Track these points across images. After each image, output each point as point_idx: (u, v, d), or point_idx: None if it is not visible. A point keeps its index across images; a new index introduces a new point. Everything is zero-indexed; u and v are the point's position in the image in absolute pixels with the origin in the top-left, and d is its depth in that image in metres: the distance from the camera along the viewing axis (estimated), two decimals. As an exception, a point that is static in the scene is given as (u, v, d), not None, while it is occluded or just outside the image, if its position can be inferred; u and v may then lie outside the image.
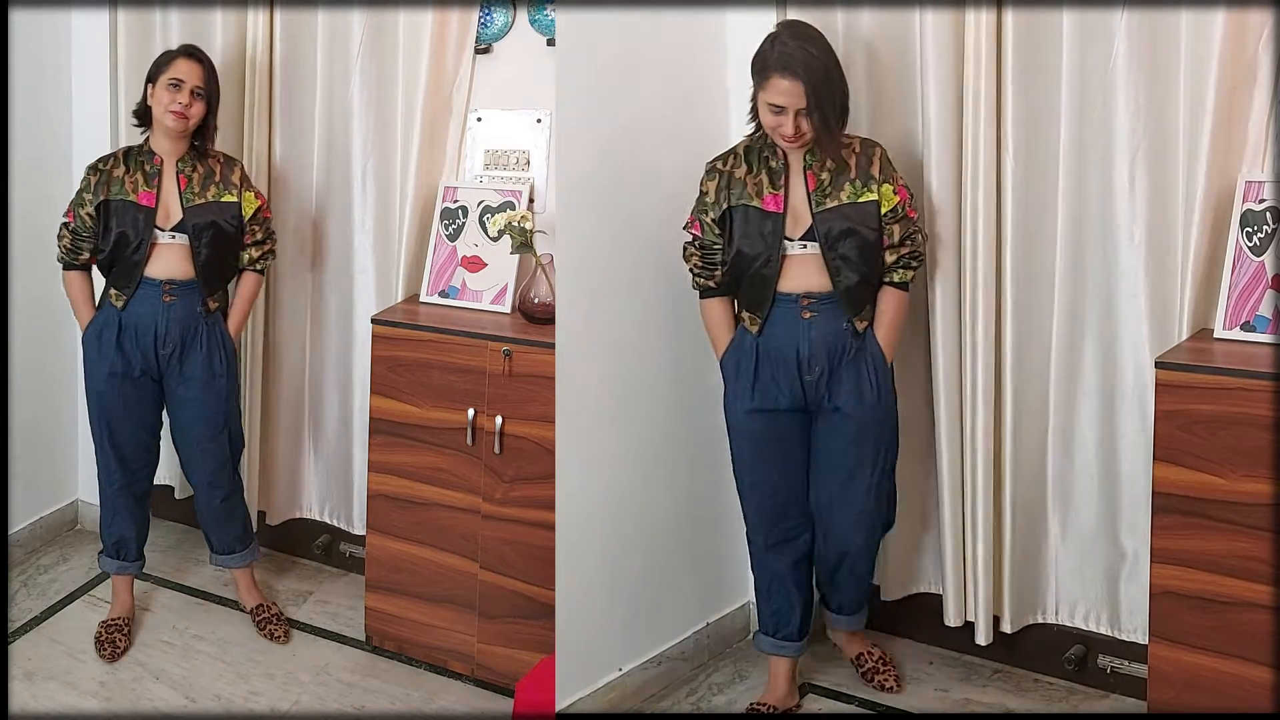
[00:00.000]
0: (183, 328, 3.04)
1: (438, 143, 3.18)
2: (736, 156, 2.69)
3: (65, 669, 3.06)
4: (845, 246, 2.61)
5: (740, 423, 2.75)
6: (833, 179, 2.63)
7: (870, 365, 2.67)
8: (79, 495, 3.87)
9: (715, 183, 2.68)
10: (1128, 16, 2.61)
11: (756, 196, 2.65)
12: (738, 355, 2.73)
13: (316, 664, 3.13)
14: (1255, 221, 2.49)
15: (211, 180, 3.05)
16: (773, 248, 2.63)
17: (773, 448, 2.75)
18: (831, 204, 2.62)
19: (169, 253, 3.02)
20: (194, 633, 3.26)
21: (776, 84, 2.53)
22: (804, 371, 2.66)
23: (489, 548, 2.94)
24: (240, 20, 3.33)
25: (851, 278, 2.62)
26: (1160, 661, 2.46)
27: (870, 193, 2.62)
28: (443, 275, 3.14)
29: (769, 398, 2.70)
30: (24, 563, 3.63)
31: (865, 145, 2.66)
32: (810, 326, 2.65)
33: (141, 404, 3.11)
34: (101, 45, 3.52)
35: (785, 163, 2.65)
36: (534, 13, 3.06)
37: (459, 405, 2.90)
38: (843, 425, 2.69)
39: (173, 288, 3.02)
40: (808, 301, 2.64)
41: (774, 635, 2.89)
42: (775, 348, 2.67)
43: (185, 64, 2.99)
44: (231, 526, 3.27)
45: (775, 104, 2.55)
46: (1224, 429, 2.33)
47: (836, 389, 2.67)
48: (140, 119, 3.08)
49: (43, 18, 3.54)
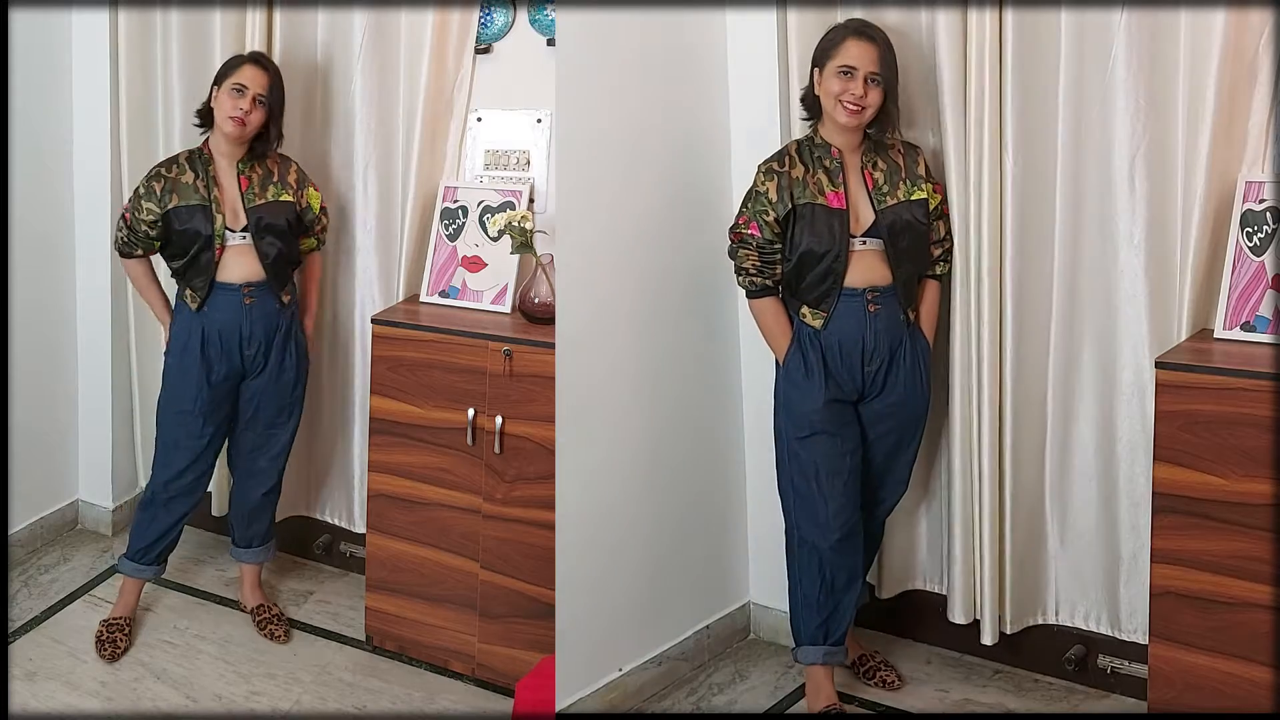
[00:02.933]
0: (265, 327, 3.07)
1: (438, 143, 3.18)
2: (790, 158, 2.73)
3: (66, 669, 3.07)
4: (905, 241, 2.70)
5: (814, 415, 2.74)
6: (887, 178, 2.71)
7: (921, 354, 2.77)
8: (79, 495, 3.87)
9: (775, 183, 2.70)
10: (1128, 16, 2.61)
11: (820, 194, 2.69)
12: (802, 352, 2.74)
13: (317, 664, 3.13)
14: (1255, 221, 2.49)
15: (270, 181, 3.07)
16: (841, 243, 2.68)
17: (844, 434, 2.77)
18: (892, 201, 2.70)
19: (241, 255, 3.04)
20: (195, 632, 3.26)
21: (850, 46, 2.63)
22: (866, 362, 2.71)
23: (489, 547, 2.94)
24: (240, 20, 3.33)
25: (910, 270, 2.73)
26: (1160, 661, 2.46)
27: (920, 191, 2.73)
28: (443, 275, 3.14)
29: (837, 388, 2.74)
30: (24, 563, 3.62)
31: (908, 147, 2.77)
32: (875, 319, 2.70)
33: (219, 409, 3.12)
34: (101, 45, 3.52)
35: (841, 162, 2.71)
36: (534, 13, 3.06)
37: (459, 405, 2.90)
38: (895, 412, 2.77)
39: (251, 289, 3.04)
40: (873, 295, 2.70)
41: (825, 642, 2.82)
42: (840, 341, 2.71)
43: (251, 70, 2.99)
44: (261, 521, 3.30)
45: (848, 65, 2.62)
46: (1224, 429, 2.33)
47: (893, 378, 2.74)
48: (202, 119, 3.08)
49: (43, 18, 3.54)
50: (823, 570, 2.79)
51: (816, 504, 2.77)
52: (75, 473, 3.86)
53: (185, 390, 3.07)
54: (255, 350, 3.08)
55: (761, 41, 2.96)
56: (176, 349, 3.09)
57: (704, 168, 3.03)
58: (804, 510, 2.79)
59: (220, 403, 3.11)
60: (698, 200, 3.02)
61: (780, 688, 3.01)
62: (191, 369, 3.06)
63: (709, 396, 3.07)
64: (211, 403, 3.09)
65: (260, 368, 3.11)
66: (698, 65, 3.02)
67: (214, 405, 3.10)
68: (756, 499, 3.18)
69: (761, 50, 2.96)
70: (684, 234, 2.99)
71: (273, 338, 3.09)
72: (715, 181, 3.05)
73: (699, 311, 3.05)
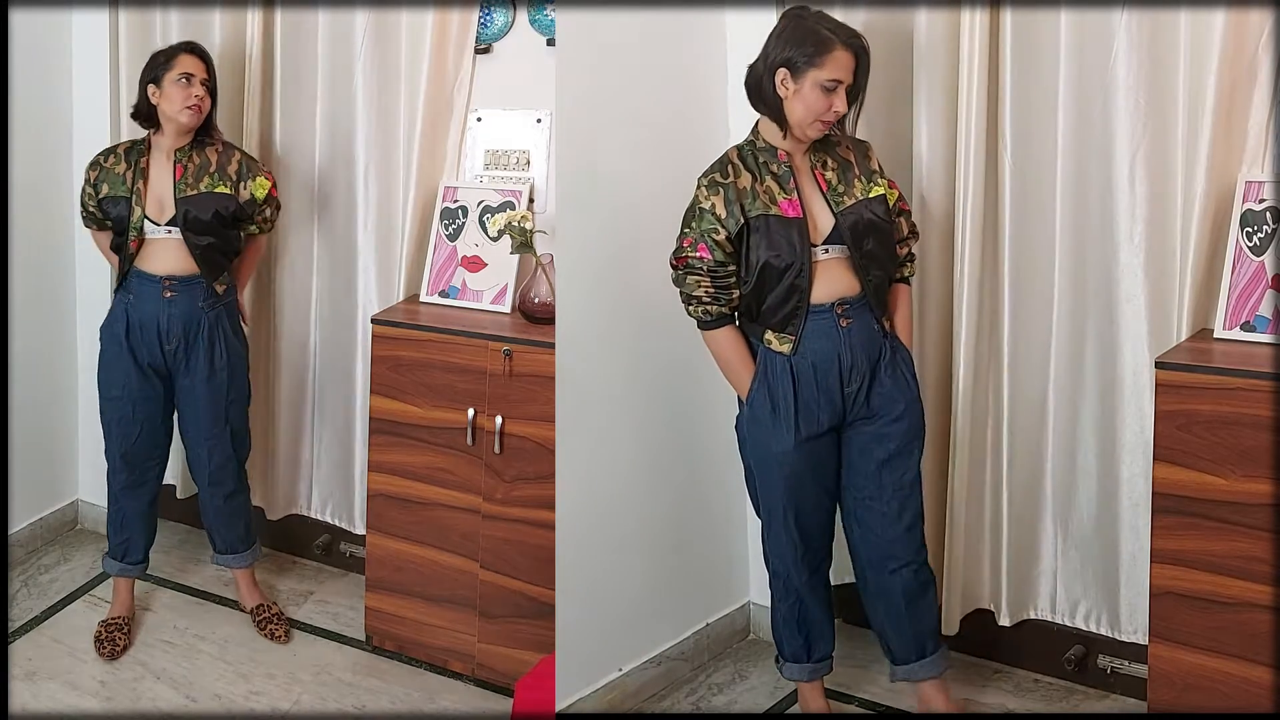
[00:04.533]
0: (185, 324, 3.04)
1: (438, 143, 3.18)
2: (734, 166, 2.50)
3: (66, 669, 3.07)
4: (870, 243, 2.50)
5: (787, 457, 2.55)
6: (840, 176, 2.52)
7: (904, 363, 2.57)
8: (79, 495, 3.87)
9: (721, 196, 2.47)
10: (1128, 16, 2.60)
11: (772, 204, 2.47)
12: (769, 384, 2.52)
13: (317, 664, 3.13)
14: (1255, 221, 2.49)
15: (206, 171, 3.04)
16: (803, 255, 2.45)
17: (817, 474, 2.59)
18: (850, 201, 2.50)
19: (165, 248, 3.02)
20: (195, 632, 3.26)
21: (841, 56, 2.39)
22: (845, 383, 2.51)
23: (489, 547, 2.94)
24: (239, 20, 3.33)
25: (879, 275, 2.52)
26: (1160, 661, 2.46)
27: (878, 187, 2.54)
28: (443, 275, 3.14)
29: (812, 422, 2.53)
30: (24, 562, 3.63)
31: (856, 142, 2.58)
32: (849, 334, 2.50)
33: (149, 401, 3.11)
34: (101, 45, 3.52)
35: (790, 166, 2.51)
36: (534, 13, 3.06)
37: (459, 405, 2.90)
38: (891, 431, 2.55)
39: (173, 283, 3.02)
40: (843, 308, 2.49)
41: (809, 660, 2.77)
42: (814, 364, 2.50)
43: (190, 59, 2.99)
44: (234, 526, 3.27)
45: (836, 79, 2.39)
46: (1224, 429, 2.33)
47: (877, 395, 2.53)
48: (144, 120, 3.05)
49: (43, 18, 3.54)
50: (799, 602, 2.72)
51: (785, 544, 2.65)
52: (75, 473, 3.87)
53: (114, 375, 3.09)
54: (175, 345, 3.05)
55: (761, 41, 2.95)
56: (105, 333, 3.11)
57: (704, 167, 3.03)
58: (774, 544, 2.68)
59: (149, 394, 3.10)
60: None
61: (780, 688, 3.01)
62: (118, 354, 3.07)
63: (709, 396, 3.07)
64: (139, 391, 3.08)
65: (184, 365, 3.07)
66: (698, 65, 3.02)
67: (141, 395, 3.09)
68: (756, 499, 3.18)
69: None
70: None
71: (195, 334, 3.05)
72: (715, 181, 3.05)
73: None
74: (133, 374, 3.07)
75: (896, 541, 2.60)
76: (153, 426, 3.14)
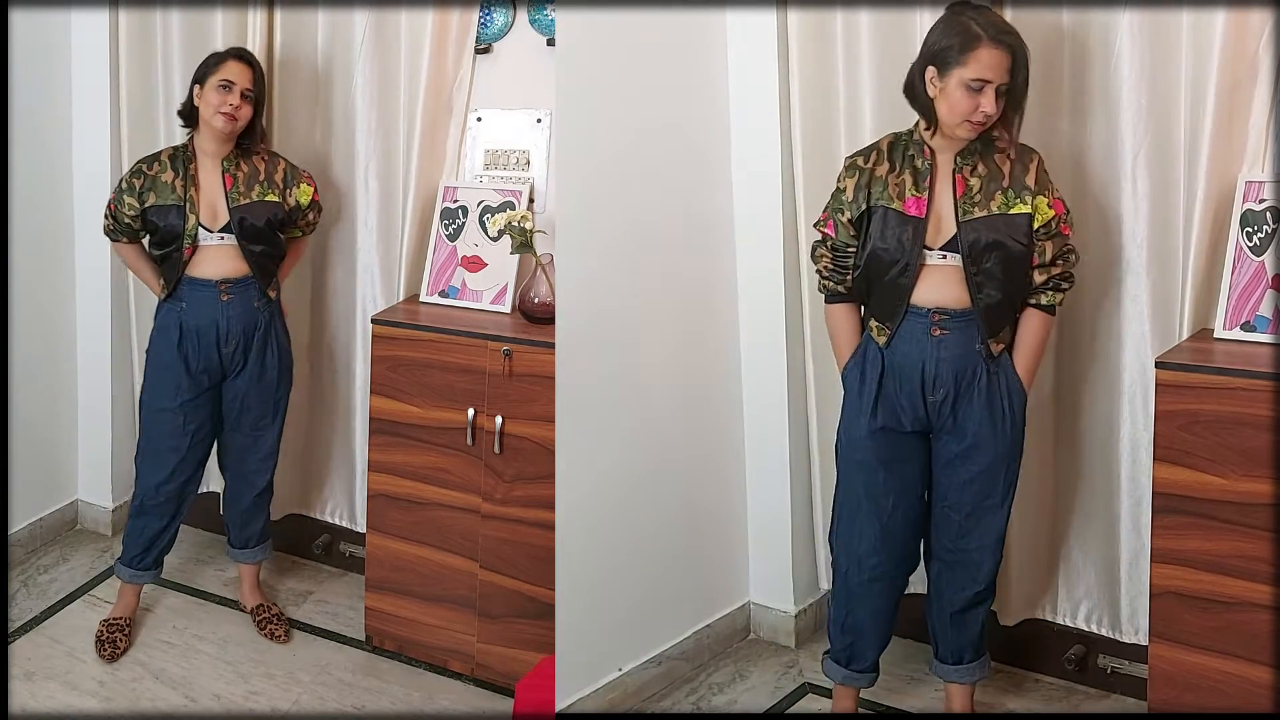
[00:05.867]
0: (244, 325, 3.06)
1: (438, 143, 3.18)
2: (879, 153, 2.49)
3: (65, 669, 3.06)
4: (990, 260, 2.41)
5: (860, 443, 2.55)
6: (983, 186, 2.43)
7: (1004, 392, 2.48)
8: (79, 495, 3.87)
9: (855, 180, 2.48)
10: (1128, 16, 2.61)
11: (898, 198, 2.45)
12: (861, 367, 2.54)
13: (316, 664, 3.13)
14: (1255, 221, 2.49)
15: (256, 179, 3.06)
16: (911, 255, 2.42)
17: (893, 470, 2.55)
18: (980, 213, 2.42)
19: (219, 253, 3.03)
20: (194, 632, 3.26)
21: (986, 54, 2.31)
22: (928, 392, 2.47)
23: (489, 547, 2.94)
24: (240, 20, 3.33)
25: (993, 295, 2.43)
26: (1160, 661, 2.46)
27: (1023, 204, 2.42)
28: (443, 275, 3.14)
29: (892, 416, 2.52)
30: (24, 563, 3.62)
31: (1021, 151, 2.46)
32: (939, 345, 2.45)
33: (200, 409, 3.11)
34: (101, 45, 3.52)
35: (932, 164, 2.46)
36: (534, 13, 3.06)
37: (459, 405, 2.90)
38: (973, 455, 2.50)
39: (229, 286, 3.04)
40: (939, 318, 2.44)
41: (847, 666, 2.73)
42: (900, 363, 2.48)
43: (235, 66, 2.99)
44: (256, 522, 3.29)
45: (981, 79, 2.31)
46: (1224, 429, 2.33)
47: (965, 415, 2.48)
48: (185, 119, 3.07)
49: (43, 18, 3.54)
50: (848, 601, 2.69)
51: (853, 536, 2.62)
52: (75, 473, 3.86)
53: (165, 386, 3.07)
54: (234, 348, 3.06)
55: (761, 41, 2.96)
56: (157, 344, 3.10)
57: (704, 167, 3.03)
58: (841, 534, 2.65)
59: (202, 402, 3.10)
60: (698, 200, 3.02)
61: (780, 688, 3.01)
62: (171, 365, 3.06)
63: (709, 396, 3.07)
64: (192, 401, 3.08)
65: (240, 367, 3.09)
66: (698, 65, 3.02)
67: (195, 404, 3.09)
68: (756, 499, 3.18)
69: (761, 50, 2.96)
70: (684, 233, 2.99)
71: (252, 335, 3.08)
72: (715, 181, 3.05)
73: (699, 311, 3.05)
74: (184, 383, 3.06)
75: (982, 557, 2.59)
76: (203, 437, 3.14)
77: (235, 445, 3.21)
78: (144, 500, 3.14)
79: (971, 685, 2.73)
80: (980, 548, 2.58)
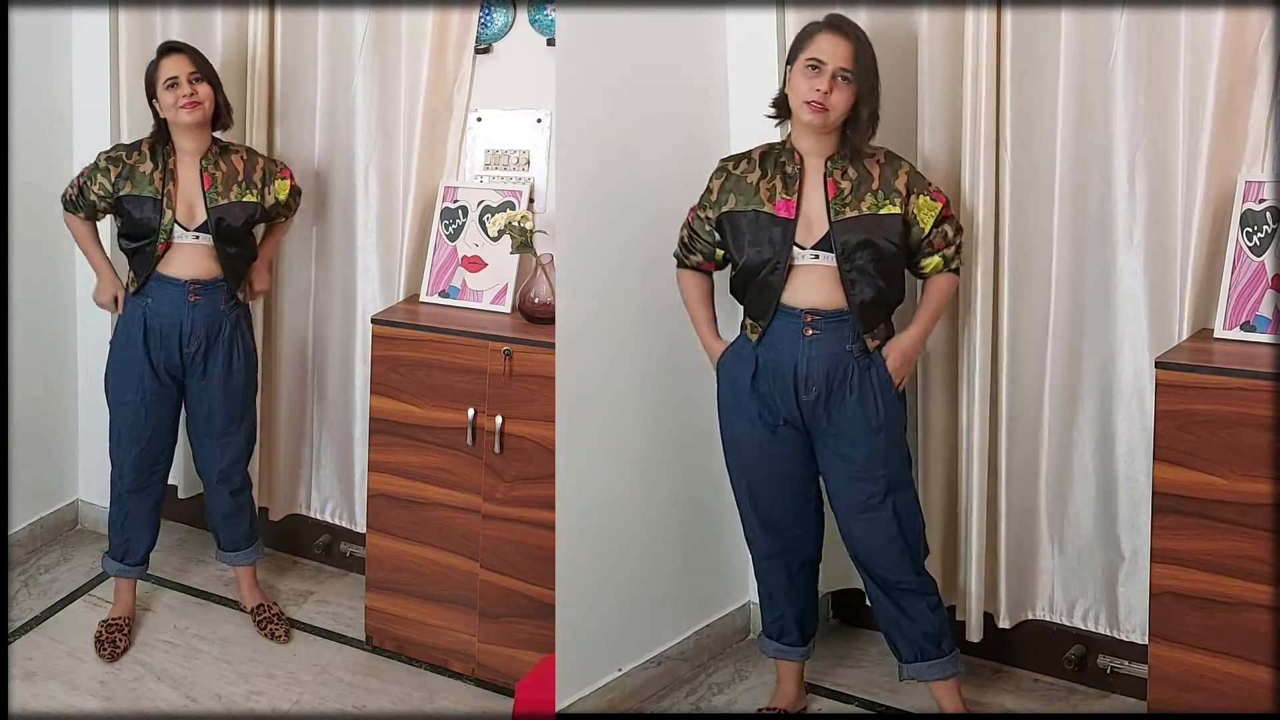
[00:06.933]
0: (207, 327, 3.06)
1: (438, 143, 3.18)
2: (750, 161, 2.60)
3: (65, 669, 3.07)
4: (862, 258, 2.49)
5: (736, 432, 2.67)
6: (854, 188, 2.52)
7: (876, 389, 2.55)
8: (79, 495, 3.87)
9: (720, 181, 2.62)
10: (1128, 16, 2.61)
11: (768, 201, 2.54)
12: (736, 359, 2.64)
13: (317, 664, 3.13)
14: (1255, 221, 2.49)
15: (234, 180, 3.06)
16: (781, 254, 2.51)
17: (771, 463, 2.65)
18: (851, 213, 2.50)
19: (192, 252, 3.03)
20: (195, 632, 3.26)
21: (824, 39, 2.46)
22: (800, 391, 2.55)
23: (489, 547, 2.94)
24: (240, 20, 3.33)
25: (867, 292, 2.51)
26: (1160, 661, 2.46)
27: (892, 206, 2.52)
28: (443, 275, 3.14)
29: (768, 411, 2.60)
30: (24, 563, 3.63)
31: (891, 158, 2.57)
32: (810, 345, 2.53)
33: (162, 404, 3.12)
34: (101, 45, 3.52)
35: (801, 168, 2.55)
36: (534, 13, 3.06)
37: (459, 405, 2.90)
38: (850, 454, 2.57)
39: (198, 287, 3.04)
40: (811, 318, 2.52)
41: (778, 640, 2.85)
42: (773, 361, 2.57)
43: (171, 61, 2.99)
44: (240, 524, 3.28)
45: (816, 59, 2.45)
46: (1224, 429, 2.33)
47: (838, 414, 2.55)
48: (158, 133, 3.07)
49: (43, 18, 3.54)
50: (761, 580, 2.84)
51: (744, 514, 2.77)
52: (75, 473, 3.86)
53: (127, 379, 3.09)
54: (196, 349, 3.06)
55: (761, 41, 2.96)
56: (120, 337, 3.11)
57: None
58: (740, 512, 2.79)
59: (163, 397, 3.10)
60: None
61: (780, 688, 3.01)
62: (133, 359, 3.07)
63: (709, 396, 3.06)
64: (154, 394, 3.08)
65: (201, 368, 3.09)
66: (698, 65, 3.02)
67: (156, 398, 3.09)
68: (756, 499, 3.18)
69: (761, 50, 2.96)
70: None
71: (215, 338, 3.08)
72: (715, 181, 3.05)
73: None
74: (147, 378, 3.07)
75: (878, 553, 2.63)
76: (163, 430, 3.16)
77: (206, 452, 3.20)
78: (115, 488, 3.18)
79: (947, 680, 2.71)
80: (874, 548, 2.61)
